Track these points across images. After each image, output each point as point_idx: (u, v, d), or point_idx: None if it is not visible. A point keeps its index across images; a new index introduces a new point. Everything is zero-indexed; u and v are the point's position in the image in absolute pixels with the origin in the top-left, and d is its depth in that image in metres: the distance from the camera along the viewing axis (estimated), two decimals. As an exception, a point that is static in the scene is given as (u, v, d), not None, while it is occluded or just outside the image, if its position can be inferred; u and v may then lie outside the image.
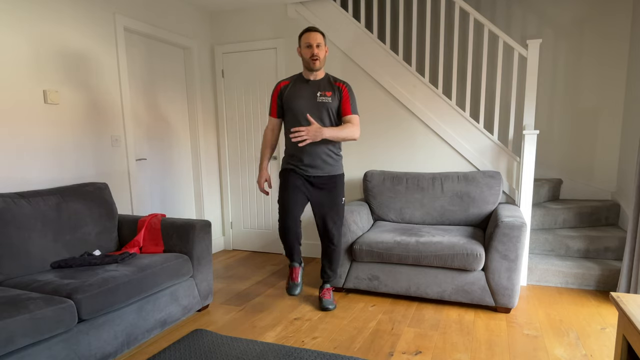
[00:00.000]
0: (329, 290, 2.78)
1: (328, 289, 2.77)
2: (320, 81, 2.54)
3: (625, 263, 2.60)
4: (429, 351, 2.15)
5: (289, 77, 2.62)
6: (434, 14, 4.19)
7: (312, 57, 2.44)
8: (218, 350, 1.41)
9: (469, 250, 2.55)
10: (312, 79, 2.53)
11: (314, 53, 2.43)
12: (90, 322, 1.92)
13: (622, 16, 3.51)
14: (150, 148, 3.39)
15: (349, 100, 2.51)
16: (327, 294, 2.76)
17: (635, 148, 3.18)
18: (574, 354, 2.10)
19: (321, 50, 2.46)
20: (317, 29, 2.46)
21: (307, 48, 2.45)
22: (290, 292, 2.60)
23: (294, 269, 2.64)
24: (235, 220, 4.17)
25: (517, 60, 3.31)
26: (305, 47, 2.45)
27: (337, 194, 2.61)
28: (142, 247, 2.57)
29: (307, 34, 2.45)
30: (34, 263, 2.15)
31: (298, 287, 2.60)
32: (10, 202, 2.11)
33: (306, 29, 2.46)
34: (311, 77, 2.53)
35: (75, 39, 2.69)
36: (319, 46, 2.45)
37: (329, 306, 2.68)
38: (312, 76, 2.53)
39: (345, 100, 2.51)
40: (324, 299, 2.73)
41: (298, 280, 2.62)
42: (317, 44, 2.44)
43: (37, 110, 2.47)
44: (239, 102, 3.96)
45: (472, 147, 3.27)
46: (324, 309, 2.68)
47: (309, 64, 2.46)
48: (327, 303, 2.69)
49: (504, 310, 2.61)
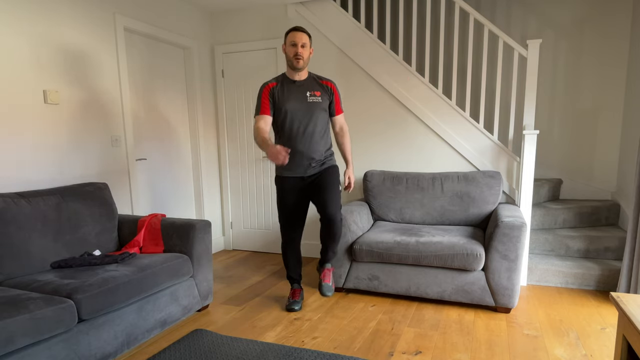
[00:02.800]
0: (330, 271, 2.67)
1: (329, 270, 2.67)
2: (306, 81, 2.55)
3: (625, 263, 2.60)
4: (429, 351, 2.15)
5: (274, 78, 2.58)
6: (434, 14, 4.20)
7: (296, 56, 2.44)
8: (218, 350, 1.41)
9: (469, 250, 2.55)
10: (298, 79, 2.53)
11: (297, 52, 2.44)
12: (90, 322, 1.92)
13: (622, 16, 3.51)
14: (150, 148, 3.39)
15: (339, 99, 2.65)
16: (327, 276, 2.64)
17: (635, 148, 3.18)
18: (574, 354, 2.10)
19: (305, 51, 2.46)
20: (303, 30, 2.47)
21: (292, 47, 2.45)
22: (290, 308, 2.68)
23: (295, 290, 2.78)
24: (235, 220, 4.17)
25: (517, 60, 3.31)
26: (290, 46, 2.46)
27: (333, 180, 2.57)
28: (142, 247, 2.58)
29: (293, 32, 2.46)
30: (34, 263, 2.15)
31: (299, 303, 2.71)
32: (10, 202, 2.11)
33: (293, 28, 2.47)
34: (296, 77, 2.53)
35: (75, 39, 2.69)
36: (304, 46, 2.45)
37: (327, 293, 2.57)
38: (296, 76, 2.53)
39: (337, 100, 2.62)
40: (323, 282, 2.61)
41: (299, 298, 2.74)
42: (302, 44, 2.44)
43: (37, 110, 2.47)
44: (239, 102, 3.96)
45: (472, 147, 3.27)
46: (323, 294, 2.59)
47: (292, 62, 2.47)
48: (326, 289, 2.58)
49: (504, 310, 2.61)
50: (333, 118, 2.66)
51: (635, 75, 3.30)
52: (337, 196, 2.57)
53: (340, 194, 2.63)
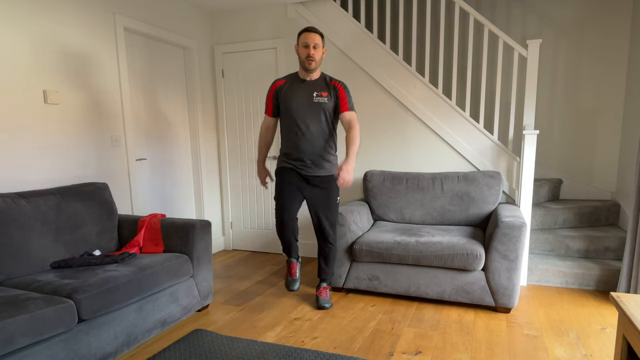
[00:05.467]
0: (326, 289, 2.78)
1: (325, 288, 2.78)
2: (316, 81, 2.55)
3: (625, 263, 2.60)
4: (429, 351, 2.15)
5: (285, 76, 2.62)
6: (434, 14, 4.19)
7: (308, 57, 2.45)
8: (218, 350, 1.41)
9: (469, 250, 2.55)
10: (308, 79, 2.54)
11: (309, 54, 2.44)
12: (90, 322, 1.92)
13: (622, 15, 3.51)
14: (150, 148, 3.39)
15: (345, 98, 2.52)
16: (323, 292, 2.76)
17: (635, 148, 3.18)
18: (574, 354, 2.10)
19: (318, 52, 2.46)
20: (316, 30, 2.47)
21: (304, 48, 2.45)
22: (289, 287, 2.67)
23: (292, 265, 2.71)
24: (235, 220, 4.17)
25: (517, 60, 3.31)
26: (303, 47, 2.46)
27: (332, 194, 2.62)
28: (142, 247, 2.57)
29: (306, 33, 2.46)
30: (34, 263, 2.15)
31: (297, 282, 2.68)
32: (10, 202, 2.11)
33: (305, 29, 2.47)
34: (307, 77, 2.54)
35: (75, 39, 2.69)
36: (316, 47, 2.45)
37: (325, 305, 2.68)
38: (308, 76, 2.53)
39: (342, 98, 2.52)
40: (320, 297, 2.73)
41: (297, 275, 2.70)
42: (314, 45, 2.44)
43: (37, 110, 2.47)
44: (239, 102, 3.96)
45: (472, 147, 3.27)
46: (320, 307, 2.69)
47: (304, 63, 2.48)
48: (323, 302, 2.70)
49: (504, 310, 2.61)
50: (340, 115, 2.55)
51: (635, 75, 3.30)
52: (332, 215, 2.63)
53: (337, 207, 2.68)
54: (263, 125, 2.70)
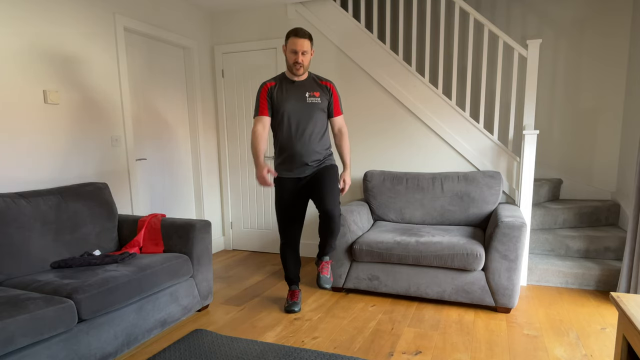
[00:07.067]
0: (328, 263, 2.65)
1: (327, 262, 2.65)
2: (305, 81, 2.52)
3: (625, 263, 2.60)
4: (429, 351, 2.15)
5: (274, 77, 2.56)
6: (434, 14, 4.19)
7: (296, 63, 2.41)
8: (218, 350, 1.41)
9: (469, 250, 2.55)
10: (297, 80, 2.51)
11: (297, 60, 2.40)
12: (90, 322, 1.92)
13: (622, 15, 3.51)
14: (150, 148, 3.39)
15: (338, 100, 2.62)
16: (325, 268, 2.62)
17: (635, 148, 3.18)
18: (574, 354, 2.10)
19: (306, 58, 2.42)
20: (305, 35, 2.39)
21: (292, 54, 2.40)
22: (290, 310, 2.66)
23: (294, 292, 2.76)
24: (235, 220, 4.17)
25: (517, 60, 3.31)
26: (291, 52, 2.41)
27: (331, 175, 2.53)
28: (142, 247, 2.57)
29: (294, 39, 2.38)
30: (34, 263, 2.15)
31: (298, 305, 2.70)
32: (10, 202, 2.11)
33: (294, 33, 2.38)
34: (295, 77, 2.51)
35: (75, 39, 2.69)
36: (305, 54, 2.40)
37: (325, 285, 2.57)
38: (296, 77, 2.51)
39: (335, 101, 2.59)
40: (321, 275, 2.59)
41: (298, 299, 2.73)
42: (302, 52, 2.39)
43: (37, 110, 2.47)
44: (239, 102, 3.96)
45: (472, 147, 3.27)
46: (321, 287, 2.58)
47: (292, 69, 2.44)
48: (324, 282, 2.57)
49: (504, 310, 2.61)
50: (331, 119, 2.61)
51: (635, 75, 3.30)
52: (335, 191, 2.52)
53: (339, 190, 2.60)
54: (257, 127, 2.48)
